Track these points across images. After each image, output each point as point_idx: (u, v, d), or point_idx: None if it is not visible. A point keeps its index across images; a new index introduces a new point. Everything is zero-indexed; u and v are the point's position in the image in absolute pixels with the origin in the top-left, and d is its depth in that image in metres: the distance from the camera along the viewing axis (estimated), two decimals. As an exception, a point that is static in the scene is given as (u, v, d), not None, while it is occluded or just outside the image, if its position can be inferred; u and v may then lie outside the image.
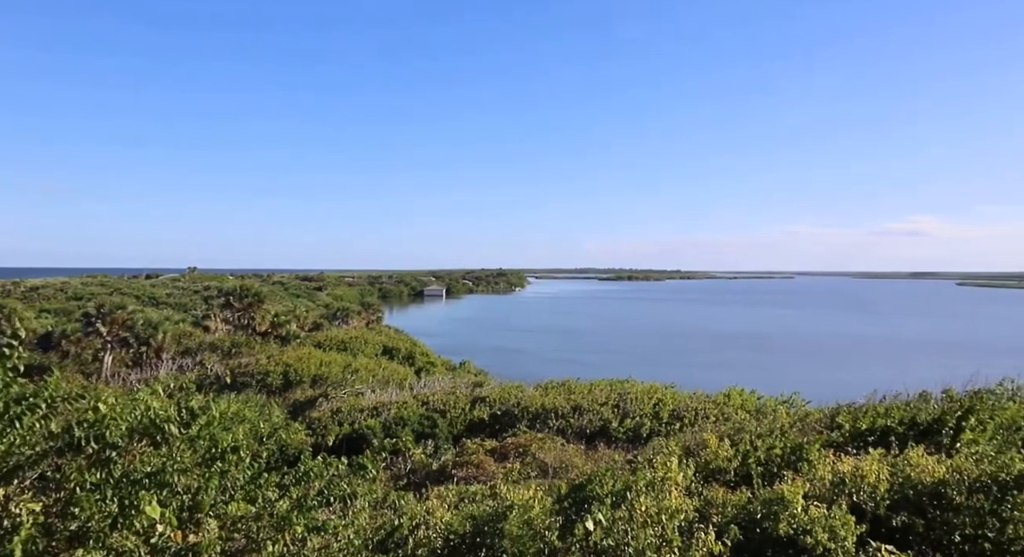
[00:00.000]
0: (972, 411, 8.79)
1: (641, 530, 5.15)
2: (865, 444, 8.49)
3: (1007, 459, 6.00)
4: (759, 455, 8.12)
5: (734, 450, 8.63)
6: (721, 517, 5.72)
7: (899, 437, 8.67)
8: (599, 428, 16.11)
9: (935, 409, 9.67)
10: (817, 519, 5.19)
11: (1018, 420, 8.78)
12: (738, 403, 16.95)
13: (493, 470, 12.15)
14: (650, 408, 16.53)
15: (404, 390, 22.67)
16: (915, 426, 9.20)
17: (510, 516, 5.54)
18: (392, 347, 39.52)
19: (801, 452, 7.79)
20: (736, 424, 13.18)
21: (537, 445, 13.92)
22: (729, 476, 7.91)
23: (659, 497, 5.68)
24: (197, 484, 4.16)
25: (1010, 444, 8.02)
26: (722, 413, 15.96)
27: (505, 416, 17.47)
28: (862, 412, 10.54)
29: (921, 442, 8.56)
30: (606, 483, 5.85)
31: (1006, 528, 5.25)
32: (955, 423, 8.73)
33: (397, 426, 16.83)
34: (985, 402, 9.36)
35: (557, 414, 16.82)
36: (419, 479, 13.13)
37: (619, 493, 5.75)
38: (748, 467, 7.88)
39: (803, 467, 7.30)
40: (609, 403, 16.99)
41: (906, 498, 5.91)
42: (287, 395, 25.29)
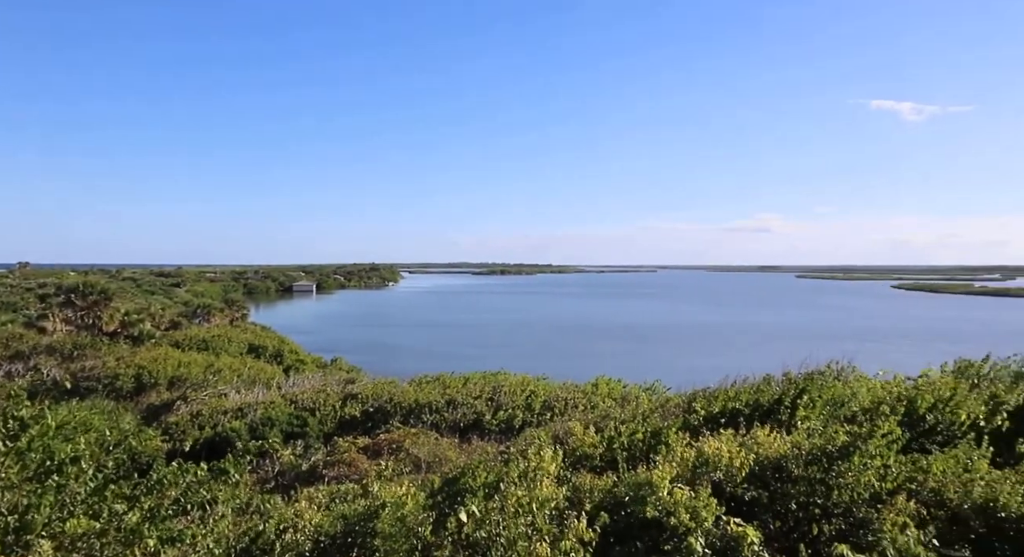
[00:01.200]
0: (805, 391, 9.75)
1: (513, 520, 5.27)
2: (718, 426, 9.17)
3: (832, 432, 6.71)
4: (623, 441, 8.55)
5: (600, 437, 9.02)
6: (590, 503, 5.96)
7: (746, 418, 9.44)
8: (473, 421, 16.26)
9: (776, 390, 10.62)
10: (680, 501, 5.54)
11: (841, 397, 9.86)
12: (605, 392, 17.73)
13: (366, 468, 11.93)
14: (523, 400, 16.90)
15: (272, 389, 21.69)
16: (759, 407, 10.06)
17: (382, 514, 5.48)
18: (259, 345, 37.67)
19: (661, 436, 8.29)
20: (602, 412, 13.79)
21: (411, 440, 13.83)
22: (596, 462, 8.26)
23: (531, 487, 5.83)
24: (27, 501, 3.76)
25: (835, 418, 8.99)
26: (590, 402, 16.63)
27: (378, 412, 17.20)
28: (715, 396, 11.39)
29: (765, 421, 9.37)
30: (479, 475, 5.93)
31: (831, 494, 5.88)
32: (791, 402, 9.65)
33: (264, 427, 16.10)
34: (816, 382, 10.42)
35: (431, 409, 16.78)
36: (288, 481, 12.65)
37: (492, 485, 5.85)
38: (613, 452, 8.28)
39: (662, 450, 7.76)
40: (483, 396, 17.19)
41: (754, 474, 6.46)
42: (140, 399, 23.44)
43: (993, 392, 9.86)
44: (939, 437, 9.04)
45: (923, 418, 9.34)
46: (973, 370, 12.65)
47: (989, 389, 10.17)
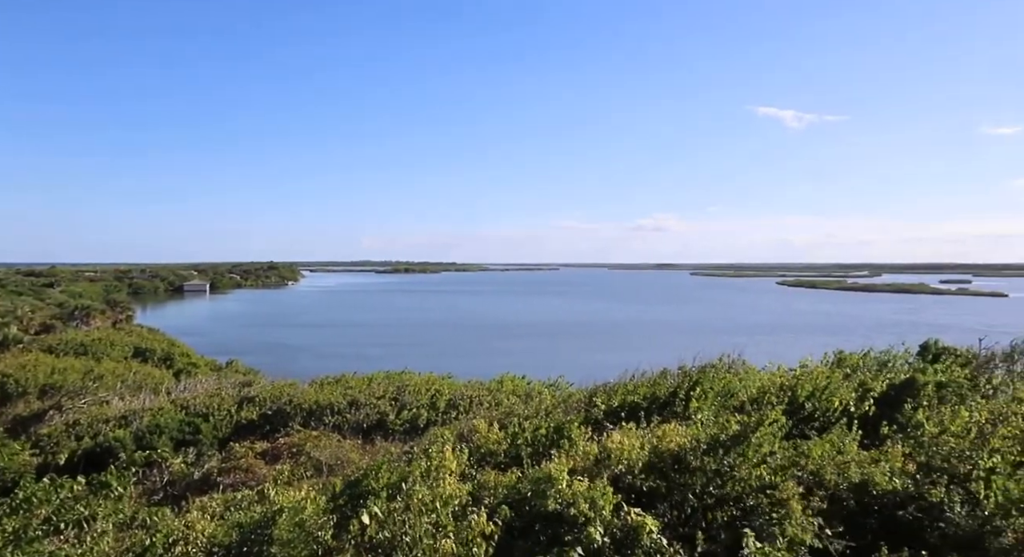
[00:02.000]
0: (698, 383, 10.23)
1: (417, 519, 5.23)
2: (618, 419, 9.46)
3: (724, 422, 7.08)
4: (527, 436, 8.66)
5: (504, 434, 9.11)
6: (493, 498, 6.01)
7: (644, 411, 9.79)
8: (377, 421, 15.98)
9: (672, 383, 11.09)
10: (580, 492, 5.67)
11: (731, 388, 10.43)
12: (510, 389, 17.89)
13: (264, 473, 11.47)
14: (427, 399, 16.78)
15: (161, 395, 20.41)
16: (656, 400, 10.47)
17: (280, 520, 5.29)
18: (146, 348, 35.37)
19: (563, 431, 8.46)
20: (507, 409, 13.91)
21: (312, 443, 13.42)
22: (500, 459, 8.33)
23: (434, 485, 5.81)
24: None
25: (726, 409, 9.49)
26: (495, 399, 16.73)
27: (277, 415, 16.58)
28: (615, 390, 11.75)
29: (661, 413, 9.78)
30: (382, 476, 5.84)
31: (726, 483, 6.21)
32: (685, 394, 10.10)
33: (152, 435, 15.12)
34: (708, 375, 10.95)
35: (333, 410, 16.35)
36: (179, 491, 11.95)
37: (395, 485, 5.78)
38: (517, 449, 8.37)
39: (564, 444, 7.92)
40: (387, 396, 16.93)
41: (654, 465, 6.71)
42: (4, 411, 21.46)
43: (862, 380, 10.72)
44: (816, 423, 9.74)
45: (803, 406, 10.03)
46: (846, 360, 13.71)
47: (858, 377, 11.05)
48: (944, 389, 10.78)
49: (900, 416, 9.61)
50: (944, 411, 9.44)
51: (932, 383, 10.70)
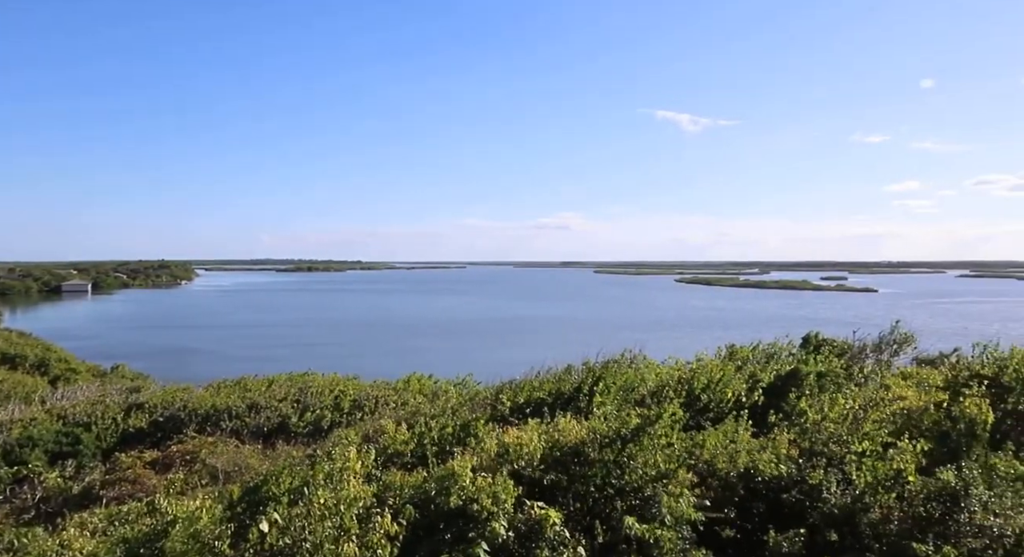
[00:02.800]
0: (602, 378, 10.53)
1: (319, 523, 5.09)
2: (524, 416, 9.59)
3: (624, 415, 7.32)
4: (433, 435, 8.63)
5: (411, 433, 9.04)
6: (398, 499, 5.94)
7: (550, 407, 9.98)
8: (278, 425, 15.44)
9: (576, 379, 11.36)
10: (482, 488, 5.71)
11: (632, 382, 10.80)
12: (417, 388, 17.75)
13: (154, 484, 10.82)
14: (331, 400, 16.37)
15: (33, 405, 18.82)
16: (561, 396, 10.69)
17: (172, 532, 5.01)
18: (16, 354, 32.56)
19: (470, 429, 8.49)
20: (413, 408, 13.80)
21: (208, 450, 12.79)
22: (407, 459, 8.26)
23: (338, 488, 5.67)
24: None
25: (628, 403, 9.81)
26: (401, 399, 16.55)
27: (170, 422, 15.67)
28: (521, 387, 11.90)
29: (566, 409, 9.98)
30: (283, 481, 5.65)
31: (625, 475, 6.42)
32: (589, 390, 10.36)
33: (23, 449, 13.92)
34: (611, 370, 11.29)
35: (231, 414, 15.64)
36: (54, 508, 11.07)
37: (297, 489, 5.60)
38: (424, 448, 8.33)
39: (471, 442, 7.96)
40: (289, 398, 16.38)
41: (555, 459, 6.84)
42: None
43: (752, 372, 11.37)
44: (711, 414, 10.25)
45: (699, 398, 10.53)
46: (738, 353, 14.48)
47: (749, 369, 11.71)
48: (824, 378, 11.59)
49: (786, 405, 10.26)
50: (824, 399, 10.16)
51: (813, 373, 11.48)
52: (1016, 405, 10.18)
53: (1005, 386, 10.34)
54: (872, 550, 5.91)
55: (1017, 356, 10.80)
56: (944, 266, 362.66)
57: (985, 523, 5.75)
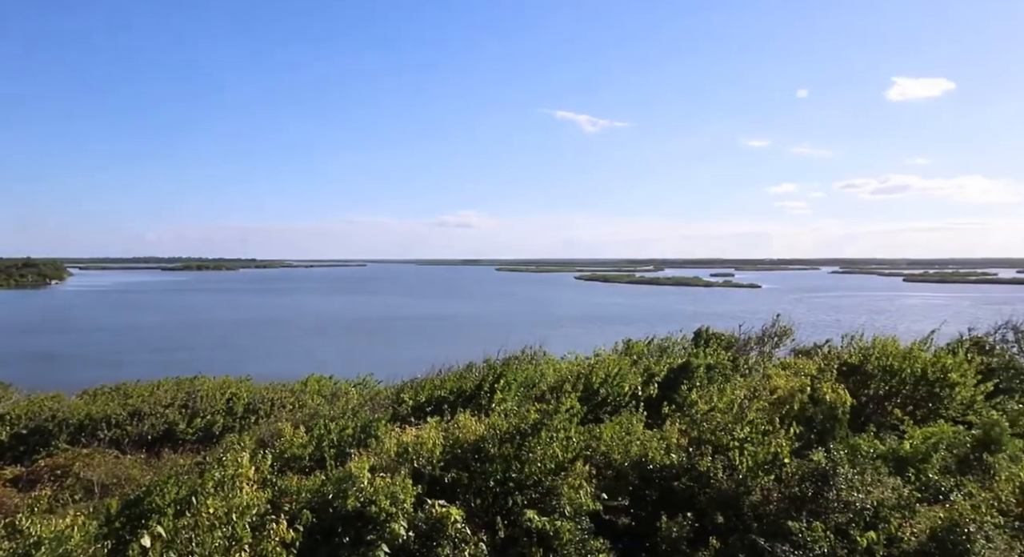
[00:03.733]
0: (503, 375, 10.65)
1: (208, 534, 4.86)
2: (426, 414, 9.54)
3: (525, 411, 7.44)
4: (332, 437, 8.44)
5: (309, 436, 8.79)
6: (295, 504, 5.77)
7: (451, 404, 9.98)
8: (164, 432, 14.55)
9: (478, 376, 11.41)
10: (381, 488, 5.64)
11: (532, 378, 10.98)
12: (315, 389, 17.24)
13: (17, 503, 9.93)
14: (223, 404, 15.61)
15: None
16: (463, 393, 10.71)
17: (37, 554, 4.63)
18: None
19: (370, 429, 8.36)
20: (312, 410, 13.41)
21: (82, 462, 11.86)
22: (305, 462, 8.04)
23: (229, 496, 5.44)
24: None
25: (528, 398, 9.97)
26: (299, 401, 16.03)
27: (36, 434, 14.41)
28: (422, 386, 11.82)
29: (467, 406, 10.02)
30: (168, 491, 5.34)
31: (524, 468, 6.53)
32: (490, 386, 10.45)
33: None
34: (512, 366, 11.44)
35: (110, 423, 14.59)
36: None
37: (184, 500, 5.32)
38: (322, 450, 8.13)
39: (371, 443, 7.84)
40: (176, 403, 15.47)
41: (456, 457, 6.86)
42: None
43: (647, 365, 11.84)
44: (608, 407, 10.60)
45: (597, 391, 10.86)
46: (634, 348, 15.04)
47: (644, 363, 12.19)
48: (713, 370, 12.24)
49: (678, 396, 10.75)
50: (713, 390, 10.73)
51: (703, 366, 12.11)
52: (877, 390, 11.16)
53: (868, 373, 11.31)
54: (753, 530, 6.31)
55: (878, 346, 11.82)
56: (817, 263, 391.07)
57: (850, 499, 6.27)
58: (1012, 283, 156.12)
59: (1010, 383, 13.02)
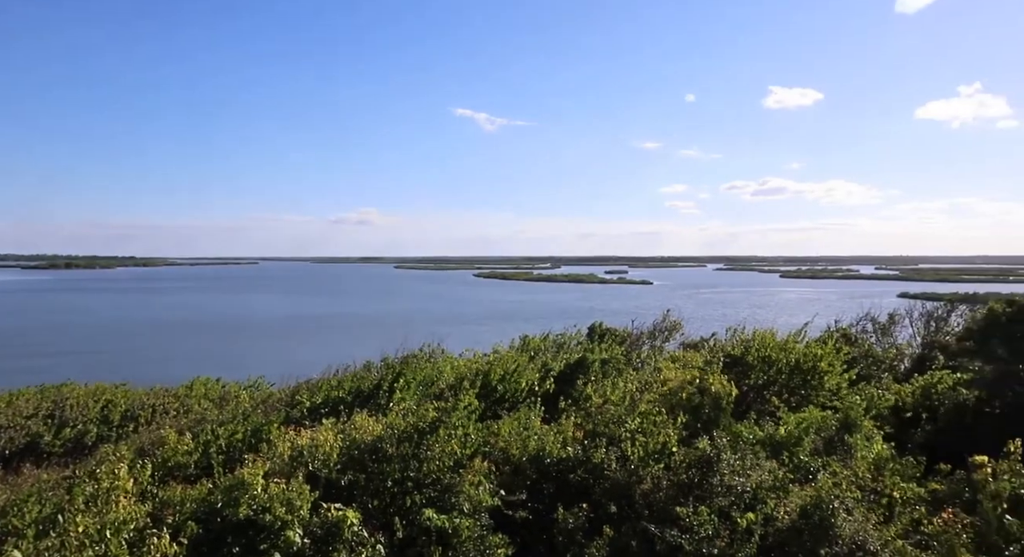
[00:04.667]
0: (401, 374, 10.53)
1: (77, 554, 4.51)
2: (321, 416, 9.27)
3: (424, 410, 7.39)
4: (221, 443, 8.05)
5: (195, 442, 8.34)
6: (179, 515, 5.46)
7: (348, 405, 9.76)
8: (26, 445, 13.30)
9: (376, 376, 11.22)
10: (276, 495, 5.44)
11: (431, 376, 10.93)
12: (202, 393, 16.31)
13: None
14: (97, 412, 14.47)
15: None
16: (360, 393, 10.51)
17: None
18: None
19: (262, 433, 8.04)
20: (198, 415, 12.70)
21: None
22: (191, 470, 7.63)
23: (103, 511, 5.06)
24: None
25: (427, 396, 9.91)
26: (183, 406, 15.13)
27: None
28: (319, 387, 11.48)
29: (366, 406, 9.83)
30: (29, 510, 4.92)
31: (423, 467, 6.49)
32: (389, 386, 10.31)
33: None
34: (410, 365, 11.33)
35: (-40, 439, 13.22)
36: None
37: (49, 519, 4.91)
38: (210, 457, 7.74)
39: (264, 447, 7.53)
40: (40, 414, 14.19)
41: (353, 458, 6.72)
42: None
43: (544, 361, 12.06)
44: (507, 403, 10.71)
45: (495, 388, 10.95)
46: (531, 344, 15.27)
47: (541, 359, 12.41)
48: (607, 365, 12.64)
49: (574, 391, 11.04)
50: (607, 384, 11.09)
51: (598, 360, 12.47)
52: (757, 380, 11.93)
53: (750, 364, 12.06)
54: (644, 517, 6.59)
55: (758, 339, 12.63)
56: (704, 260, 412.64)
57: (732, 483, 6.67)
58: (871, 279, 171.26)
59: (869, 370, 14.30)
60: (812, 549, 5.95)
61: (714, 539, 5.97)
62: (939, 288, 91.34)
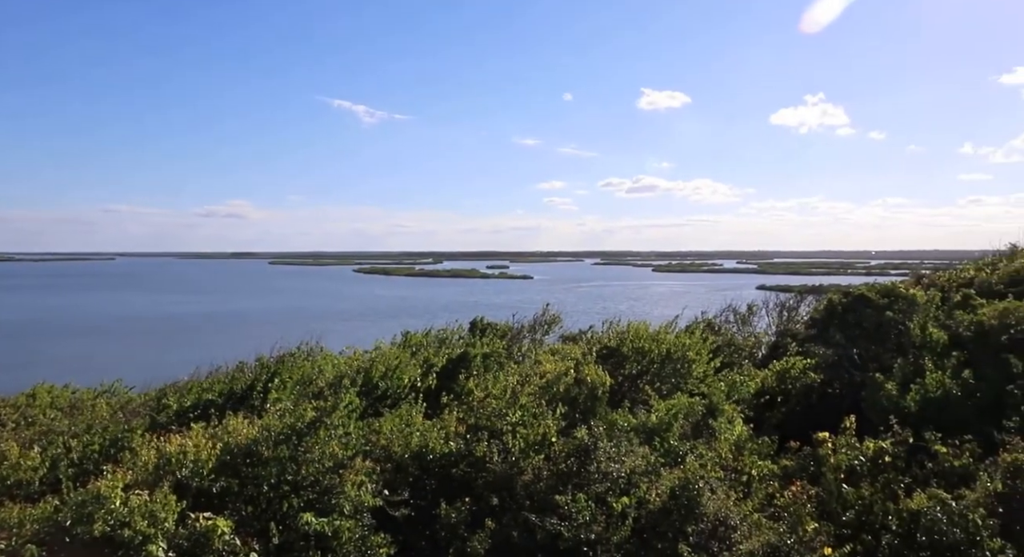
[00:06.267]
0: (277, 374, 10.13)
1: None
2: (190, 420, 8.73)
3: (302, 410, 7.16)
4: (73, 456, 7.40)
5: (43, 456, 7.61)
6: (16, 539, 4.95)
7: (219, 408, 9.24)
8: None
9: (250, 377, 10.71)
10: (137, 508, 5.07)
11: (309, 375, 10.60)
12: (47, 402, 14.84)
13: None
14: (-83, 428, 12.84)
15: None
16: (233, 395, 10.00)
17: None
18: None
19: (123, 441, 7.47)
20: (44, 426, 11.57)
21: None
22: (35, 487, 6.95)
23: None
24: None
25: (305, 396, 9.60)
26: (24, 417, 13.69)
27: None
28: (188, 389, 10.79)
29: (239, 409, 9.37)
30: None
31: (301, 469, 6.29)
32: (264, 386, 9.89)
33: None
34: (287, 364, 10.92)
35: None
36: None
37: None
38: (58, 471, 7.10)
39: (125, 457, 7.00)
40: None
41: (225, 463, 6.38)
42: None
43: (426, 357, 12.01)
44: (389, 400, 10.59)
45: (376, 385, 10.78)
46: (413, 339, 15.14)
47: (423, 354, 12.35)
48: (489, 359, 12.78)
49: (456, 386, 11.08)
50: (488, 378, 11.22)
51: (480, 355, 12.58)
52: (631, 370, 12.51)
53: (624, 355, 12.63)
54: (525, 507, 6.75)
55: (632, 330, 13.24)
56: (582, 255, 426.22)
57: (608, 470, 6.98)
58: (734, 272, 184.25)
59: (731, 358, 15.38)
60: (680, 527, 6.35)
61: (591, 524, 6.22)
62: (791, 280, 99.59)
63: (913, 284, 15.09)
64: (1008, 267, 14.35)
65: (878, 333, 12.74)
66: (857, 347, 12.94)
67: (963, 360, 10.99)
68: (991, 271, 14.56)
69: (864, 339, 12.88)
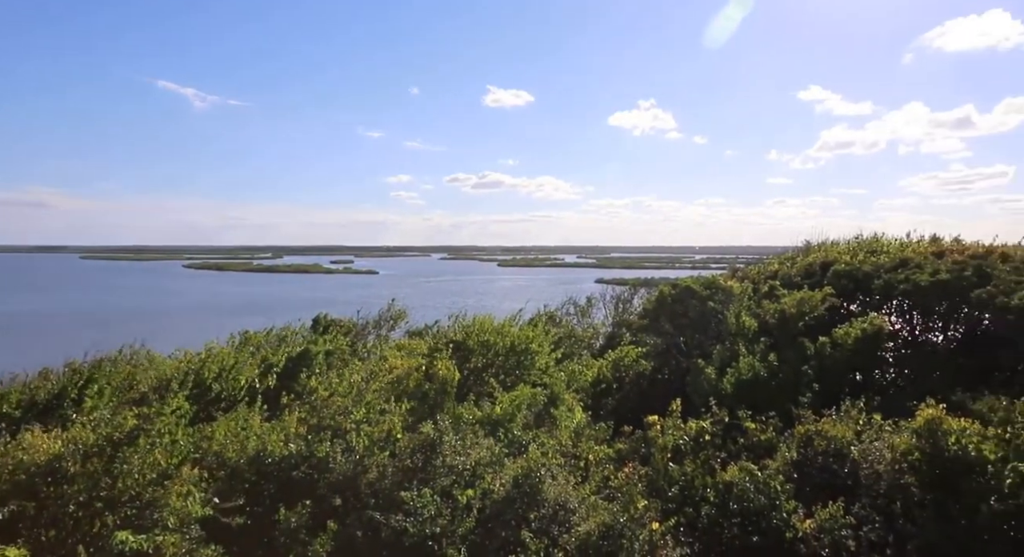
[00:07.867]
0: (93, 379, 9.15)
1: None
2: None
3: (121, 418, 6.52)
4: None
5: None
6: None
7: (17, 421, 8.19)
8: None
9: (57, 385, 9.57)
10: None
11: (131, 380, 9.69)
12: None
13: None
14: None
15: None
16: (35, 406, 8.89)
17: None
18: None
19: None
20: None
21: None
22: None
23: None
24: None
25: (125, 403, 8.75)
26: None
27: None
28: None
29: (44, 420, 8.34)
30: None
31: (117, 483, 5.72)
32: (78, 394, 8.90)
33: None
34: (105, 369, 9.89)
35: None
36: None
37: None
38: None
39: None
40: None
41: (19, 484, 5.64)
42: None
43: (264, 356, 11.43)
44: (223, 403, 9.93)
45: (209, 388, 10.08)
46: (251, 339, 14.33)
47: (262, 354, 11.73)
48: (332, 356, 12.39)
49: (297, 385, 10.62)
50: (332, 376, 10.87)
51: (322, 352, 12.16)
52: (477, 363, 12.70)
53: (471, 348, 12.78)
54: (370, 506, 6.63)
55: (477, 324, 13.43)
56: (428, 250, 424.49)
57: (454, 463, 7.04)
58: (574, 266, 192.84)
59: (571, 348, 16.11)
60: (523, 514, 6.55)
61: (436, 518, 6.24)
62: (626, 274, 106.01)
63: (730, 277, 16.63)
64: (803, 261, 16.23)
65: (701, 322, 13.91)
66: (684, 335, 14.05)
67: (769, 345, 12.31)
68: (791, 265, 16.40)
69: (690, 328, 14.00)
